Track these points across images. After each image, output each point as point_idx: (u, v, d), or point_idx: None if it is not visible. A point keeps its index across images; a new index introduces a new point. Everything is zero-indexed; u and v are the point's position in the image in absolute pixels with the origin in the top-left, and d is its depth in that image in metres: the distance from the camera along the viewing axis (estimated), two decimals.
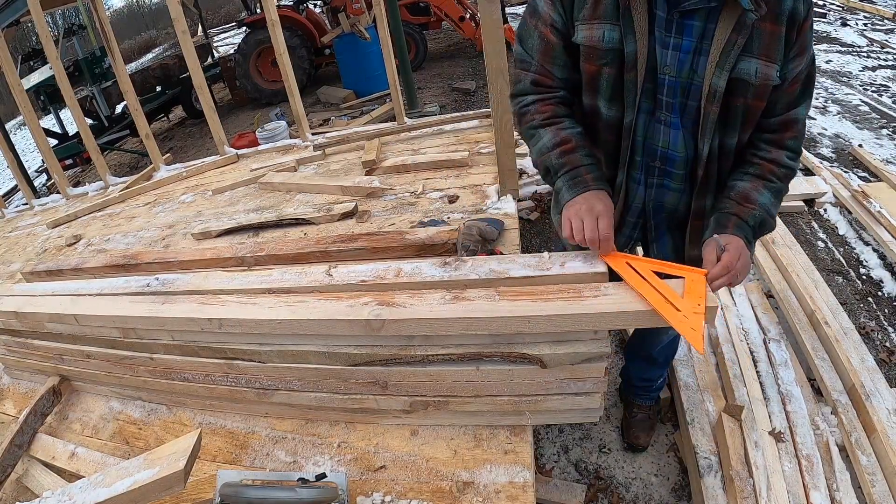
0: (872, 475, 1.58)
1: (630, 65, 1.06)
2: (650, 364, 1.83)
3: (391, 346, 1.21)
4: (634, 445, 1.91)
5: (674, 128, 1.12)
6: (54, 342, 1.66)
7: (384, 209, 2.43)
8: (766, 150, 1.13)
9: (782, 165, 1.13)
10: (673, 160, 1.15)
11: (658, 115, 1.12)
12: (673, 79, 1.06)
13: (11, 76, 3.60)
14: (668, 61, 1.05)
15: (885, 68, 5.35)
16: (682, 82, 1.06)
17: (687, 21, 1.02)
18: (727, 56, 1.00)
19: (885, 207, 2.86)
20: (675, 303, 1.01)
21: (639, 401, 1.95)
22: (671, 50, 1.04)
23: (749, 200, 1.11)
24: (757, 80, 1.02)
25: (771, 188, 1.12)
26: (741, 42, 0.99)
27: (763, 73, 1.02)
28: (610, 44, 1.05)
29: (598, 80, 1.11)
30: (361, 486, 1.25)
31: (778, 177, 1.13)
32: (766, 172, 1.12)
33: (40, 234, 3.34)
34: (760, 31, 0.99)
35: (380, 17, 3.38)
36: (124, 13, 23.85)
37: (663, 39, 1.03)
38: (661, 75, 1.07)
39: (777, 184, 1.13)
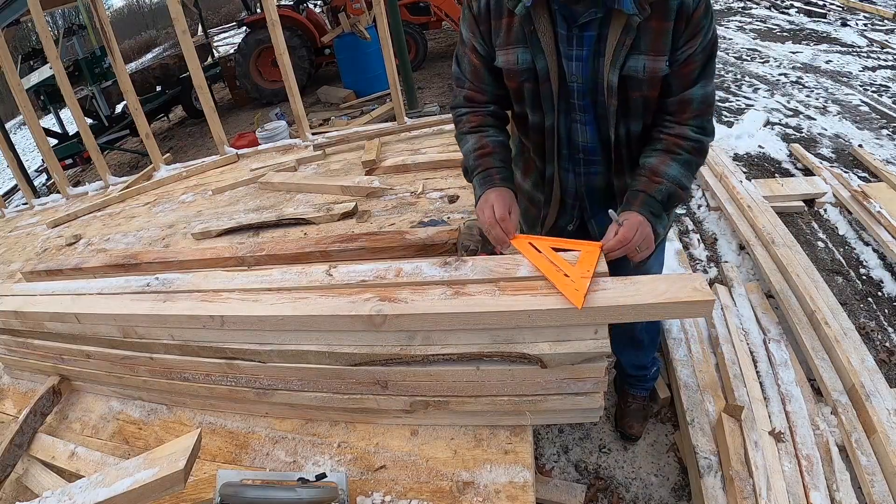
0: (872, 475, 1.58)
1: (543, 78, 1.23)
2: (637, 348, 1.85)
3: (391, 345, 1.21)
4: (627, 434, 1.94)
5: (588, 125, 1.29)
6: (54, 342, 1.66)
7: (384, 209, 2.43)
8: (671, 126, 1.22)
9: (688, 139, 1.20)
10: (593, 150, 1.33)
11: (573, 116, 1.29)
12: (581, 85, 1.22)
13: (11, 76, 3.60)
14: (574, 70, 1.21)
15: (885, 68, 5.35)
16: (589, 85, 1.21)
17: (585, 33, 1.16)
18: (618, 56, 1.13)
19: (885, 207, 2.86)
20: (566, 270, 1.13)
21: (633, 391, 1.97)
22: (574, 61, 1.20)
23: (657, 174, 1.21)
24: (645, 74, 1.14)
25: (679, 160, 1.21)
26: (629, 42, 1.11)
27: (651, 67, 1.14)
28: (525, 64, 1.23)
29: (521, 93, 1.29)
30: (361, 486, 1.24)
31: (685, 149, 1.21)
32: (673, 146, 1.21)
33: (40, 234, 3.34)
34: (648, 30, 1.11)
35: (380, 17, 3.38)
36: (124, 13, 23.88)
37: (567, 53, 1.19)
38: (571, 83, 1.23)
39: (684, 155, 1.21)
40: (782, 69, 5.60)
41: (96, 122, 7.16)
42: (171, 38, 17.15)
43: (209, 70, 8.28)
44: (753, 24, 7.82)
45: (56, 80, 3.62)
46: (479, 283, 1.20)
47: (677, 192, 1.21)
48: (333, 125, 5.55)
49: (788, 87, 5.08)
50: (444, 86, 6.75)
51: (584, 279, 1.09)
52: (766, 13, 8.43)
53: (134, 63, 15.32)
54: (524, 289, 1.14)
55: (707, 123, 1.22)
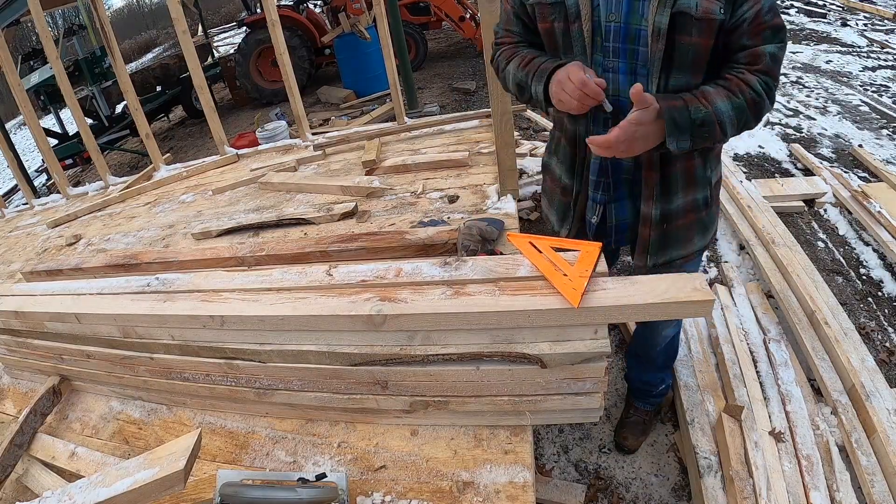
0: (872, 475, 1.58)
1: (573, 16, 1.14)
2: (648, 366, 1.84)
3: (391, 345, 1.21)
4: (621, 446, 1.92)
5: (621, 73, 1.17)
6: (54, 342, 1.66)
7: (384, 209, 2.43)
8: (740, 70, 1.14)
9: (752, 88, 1.12)
10: (624, 107, 1.14)
11: (605, 64, 1.17)
12: (618, 25, 1.12)
13: (11, 76, 3.60)
14: (612, 8, 1.12)
15: (885, 68, 5.35)
16: (630, 28, 1.12)
17: None
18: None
19: (885, 208, 2.86)
20: (565, 270, 1.12)
21: (637, 403, 1.95)
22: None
23: (706, 98, 1.10)
24: (698, 12, 1.05)
25: (734, 101, 1.11)
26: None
27: (704, 6, 1.05)
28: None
29: (552, 37, 1.21)
30: (361, 486, 1.24)
31: (745, 96, 1.12)
32: (734, 87, 1.12)
33: (40, 234, 3.34)
34: None
35: (380, 17, 3.38)
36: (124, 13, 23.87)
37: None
38: (607, 23, 1.13)
39: (741, 99, 1.11)
40: (782, 69, 5.60)
41: (96, 122, 7.16)
42: (171, 38, 17.14)
43: (209, 70, 8.27)
44: None
45: (56, 80, 3.61)
46: (479, 283, 1.20)
47: (715, 126, 1.10)
48: (333, 125, 5.55)
49: (788, 87, 5.08)
50: (444, 86, 6.74)
51: (581, 278, 1.09)
52: None
53: (134, 63, 15.33)
54: (524, 289, 1.14)
55: (773, 86, 1.14)
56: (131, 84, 3.62)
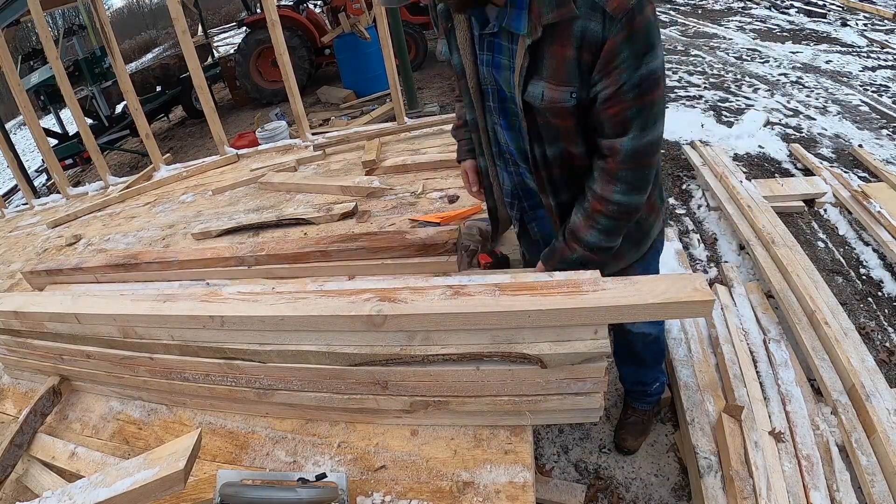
0: (872, 475, 1.58)
1: (460, 73, 1.26)
2: (638, 365, 1.83)
3: (391, 345, 1.21)
4: (621, 447, 1.92)
5: (504, 129, 1.29)
6: (54, 342, 1.66)
7: (384, 209, 2.43)
8: (598, 182, 1.14)
9: (611, 202, 1.13)
10: (515, 154, 1.33)
11: (491, 119, 1.31)
12: (494, 88, 1.22)
13: (11, 76, 3.60)
14: (485, 73, 1.21)
15: (885, 68, 5.36)
16: (504, 92, 1.19)
17: (495, 39, 1.13)
18: (521, 77, 1.08)
19: (885, 208, 2.87)
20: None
21: (634, 404, 1.95)
22: (483, 65, 1.20)
23: (575, 240, 1.22)
24: (543, 103, 1.06)
25: (599, 228, 1.18)
26: (527, 65, 1.05)
27: (550, 96, 1.05)
28: (445, 56, 1.30)
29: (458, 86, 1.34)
30: (361, 486, 1.24)
31: (606, 216, 1.16)
32: (594, 212, 1.17)
33: (40, 234, 3.34)
34: (549, 55, 1.02)
35: (380, 17, 3.37)
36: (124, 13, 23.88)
37: (479, 55, 1.20)
38: (484, 86, 1.25)
39: (603, 223, 1.17)
40: (782, 69, 5.60)
41: (96, 122, 7.16)
42: (171, 38, 17.14)
43: (209, 70, 8.28)
44: (753, 24, 7.82)
45: (56, 80, 3.61)
46: (479, 283, 1.20)
47: (590, 257, 1.22)
48: (333, 125, 5.55)
49: (788, 87, 5.08)
50: (444, 86, 6.74)
51: None
52: (766, 13, 8.43)
53: (134, 63, 15.33)
54: (524, 289, 1.14)
55: (638, 179, 1.11)
56: (131, 84, 3.62)
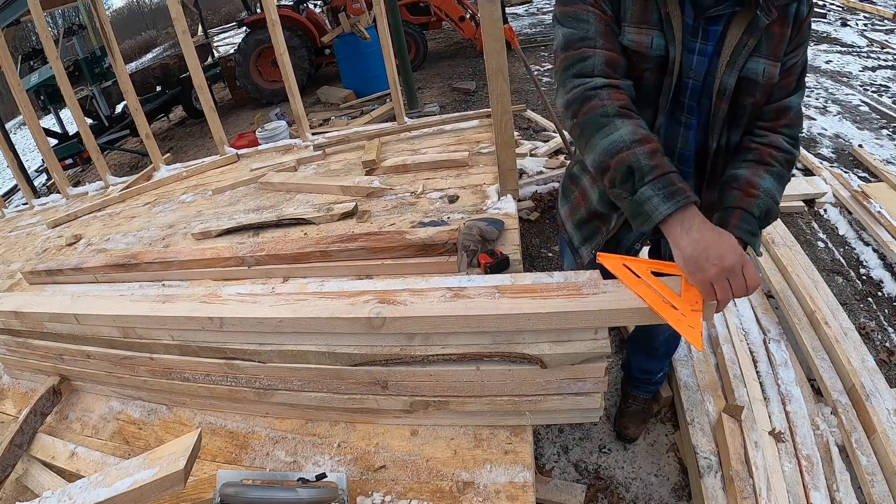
0: (872, 475, 1.58)
1: (669, 71, 1.08)
2: (650, 355, 1.85)
3: (391, 345, 1.21)
4: (623, 435, 1.94)
5: (691, 129, 1.16)
6: (54, 342, 1.66)
7: (384, 209, 2.43)
8: (763, 134, 1.15)
9: (781, 149, 1.13)
10: (687, 159, 1.19)
11: (678, 118, 1.15)
12: (696, 83, 1.10)
13: (11, 76, 3.60)
14: (694, 66, 1.08)
15: (885, 68, 5.35)
16: (703, 85, 1.10)
17: (711, 27, 1.05)
18: (738, 56, 1.05)
19: (885, 208, 2.86)
20: (673, 301, 1.00)
21: (635, 392, 1.97)
22: (696, 55, 1.07)
23: (753, 187, 1.08)
24: (764, 78, 1.07)
25: (772, 172, 1.11)
26: (752, 44, 1.04)
27: (769, 72, 1.07)
28: (658, 50, 1.06)
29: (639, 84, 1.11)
30: (361, 486, 1.24)
31: (778, 161, 1.12)
32: (766, 156, 1.12)
33: (40, 234, 3.34)
34: (770, 34, 1.05)
35: (380, 17, 3.37)
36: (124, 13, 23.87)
37: (690, 45, 1.06)
38: (686, 79, 1.09)
39: (778, 167, 1.12)
40: None
41: (96, 122, 7.16)
42: (171, 38, 17.13)
43: (209, 70, 8.27)
44: None
45: (56, 80, 3.61)
46: (479, 286, 1.20)
47: (773, 207, 1.09)
48: (333, 125, 5.55)
49: None
50: (444, 86, 6.74)
51: (694, 313, 0.96)
52: None
53: (134, 63, 15.31)
54: (524, 291, 1.14)
55: (799, 134, 1.16)
56: (131, 84, 3.62)
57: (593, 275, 1.19)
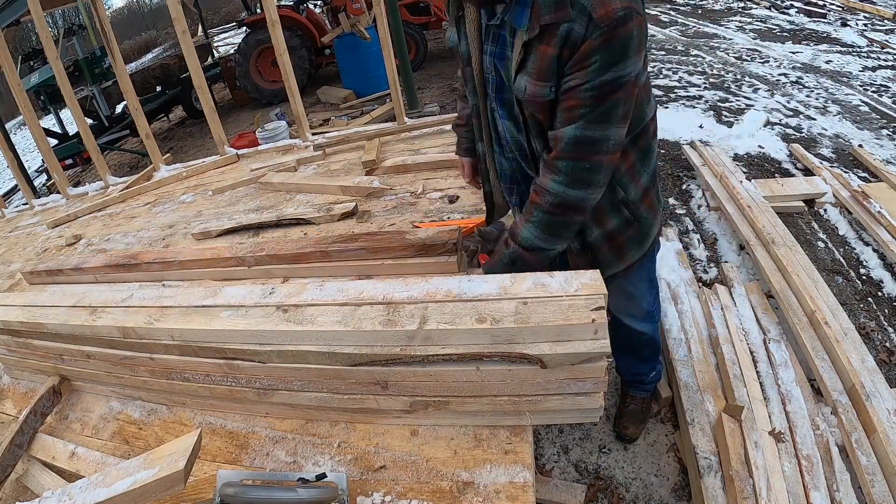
0: (872, 475, 1.58)
1: (466, 61, 1.32)
2: (635, 358, 1.85)
3: (391, 345, 1.21)
4: (623, 435, 1.94)
5: (502, 118, 1.32)
6: (54, 342, 1.66)
7: (384, 209, 2.43)
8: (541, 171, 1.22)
9: (548, 192, 1.17)
10: (514, 143, 1.34)
11: (492, 107, 1.34)
12: (495, 78, 1.26)
13: (11, 76, 3.60)
14: (487, 63, 1.26)
15: (885, 68, 5.36)
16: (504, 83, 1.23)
17: (500, 31, 1.18)
18: (514, 70, 1.15)
19: (885, 208, 2.87)
20: None
21: (632, 391, 1.97)
22: (487, 55, 1.25)
23: (513, 235, 1.28)
24: (525, 95, 1.14)
25: (534, 221, 1.22)
26: (518, 59, 1.12)
27: (532, 91, 1.12)
28: (452, 43, 1.36)
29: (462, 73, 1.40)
30: (361, 486, 1.24)
31: (542, 207, 1.20)
32: (531, 204, 1.23)
33: (40, 234, 3.34)
34: (536, 52, 1.10)
35: (380, 17, 3.38)
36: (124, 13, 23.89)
37: (483, 45, 1.25)
38: (486, 74, 1.28)
39: (538, 216, 1.21)
40: (782, 69, 5.60)
41: (96, 122, 7.16)
42: (171, 38, 17.14)
43: (209, 70, 8.28)
44: (753, 24, 7.82)
45: (56, 80, 3.61)
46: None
47: (522, 256, 1.24)
48: (333, 125, 5.55)
49: (788, 87, 5.08)
50: (444, 86, 6.75)
51: None
52: (766, 13, 8.43)
53: (134, 63, 15.31)
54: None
55: (578, 172, 1.13)
56: (131, 84, 3.62)
57: (594, 275, 1.19)
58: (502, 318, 1.14)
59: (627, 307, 1.64)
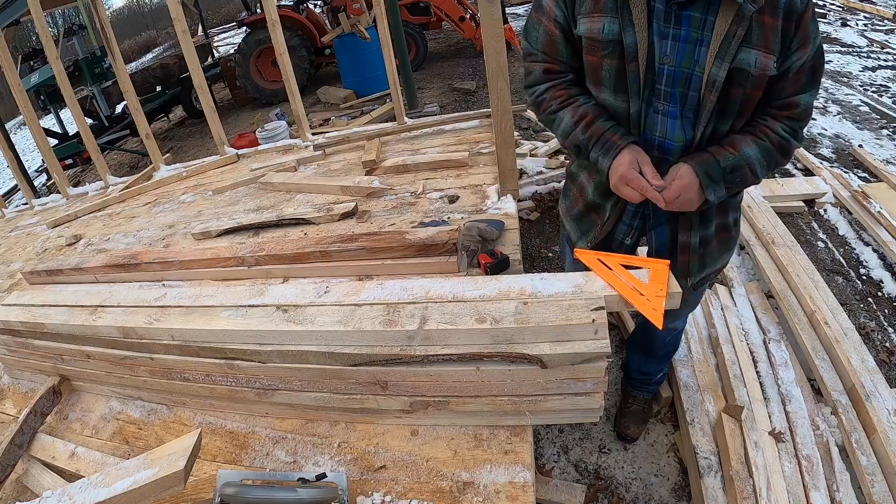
0: (872, 475, 1.58)
1: (630, 56, 1.11)
2: (648, 357, 1.85)
3: (391, 345, 1.21)
4: (623, 435, 1.94)
5: (671, 117, 1.16)
6: (54, 342, 1.66)
7: (384, 209, 2.43)
8: (766, 119, 1.17)
9: (778, 133, 1.16)
10: (669, 148, 1.19)
11: (656, 105, 1.16)
12: (672, 69, 1.10)
13: (11, 76, 3.60)
14: (668, 51, 1.09)
15: (885, 68, 5.35)
16: (683, 72, 1.10)
17: (685, 12, 1.06)
18: (727, 47, 1.04)
19: (885, 208, 2.86)
20: (641, 289, 1.14)
21: (635, 392, 1.97)
22: (670, 40, 1.08)
23: (732, 146, 1.15)
24: (756, 70, 1.06)
25: (760, 145, 1.15)
26: (741, 33, 1.03)
27: (762, 63, 1.06)
28: (610, 35, 1.11)
29: (600, 72, 1.17)
30: (361, 486, 1.24)
31: (771, 140, 1.15)
32: (759, 131, 1.16)
33: (40, 234, 3.34)
34: (759, 24, 1.04)
35: (380, 17, 3.37)
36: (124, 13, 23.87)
37: (661, 30, 1.08)
38: (660, 65, 1.11)
39: (767, 143, 1.15)
40: None
41: (96, 122, 7.16)
42: (171, 38, 17.12)
43: (209, 70, 8.27)
44: None
45: (56, 80, 3.61)
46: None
47: (745, 169, 1.14)
48: (333, 125, 5.55)
49: None
50: (444, 86, 6.74)
51: (659, 298, 1.11)
52: None
53: (134, 63, 15.30)
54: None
55: (800, 129, 1.18)
56: (131, 84, 3.62)
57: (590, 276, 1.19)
58: (502, 318, 1.14)
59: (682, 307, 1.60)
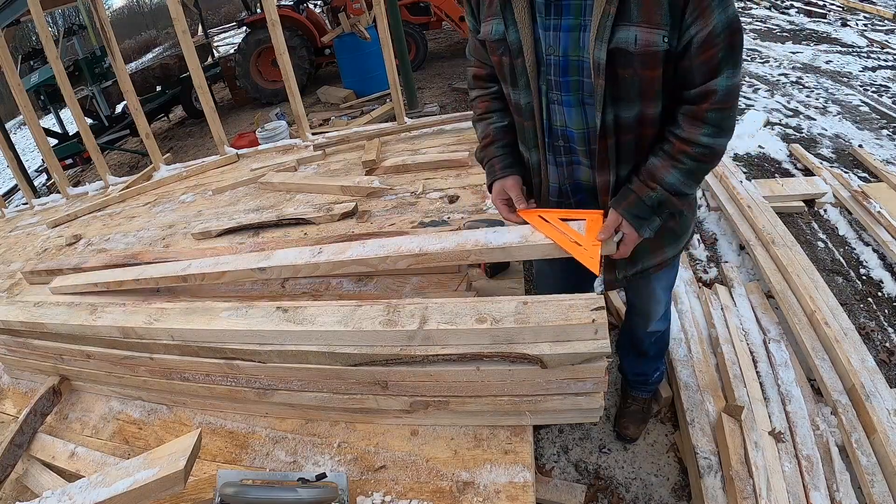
0: (872, 475, 1.58)
1: (516, 51, 1.15)
2: (640, 357, 1.85)
3: (391, 345, 1.21)
4: (623, 435, 1.93)
5: (566, 105, 1.17)
6: (54, 342, 1.66)
7: (384, 209, 2.43)
8: (683, 126, 1.12)
9: (698, 144, 1.11)
10: (572, 137, 1.21)
11: (550, 96, 1.18)
12: (558, 58, 1.12)
13: (11, 76, 3.60)
14: (550, 42, 1.11)
15: (885, 68, 5.35)
16: (571, 60, 1.11)
17: (564, 2, 1.06)
18: (603, 27, 1.02)
19: (885, 208, 2.86)
20: (578, 240, 1.20)
21: (634, 392, 1.97)
22: (551, 31, 1.10)
23: (654, 179, 1.15)
24: (638, 47, 1.02)
25: (681, 169, 1.13)
26: (613, 11, 1.00)
27: (644, 39, 1.01)
28: (496, 35, 1.16)
29: (502, 70, 1.22)
30: (361, 486, 1.25)
31: (691, 157, 1.12)
32: (678, 152, 1.13)
33: (40, 234, 3.34)
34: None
35: (380, 17, 3.38)
36: (124, 13, 23.88)
37: (544, 23, 1.10)
38: (547, 56, 1.13)
39: (688, 164, 1.13)
40: (782, 69, 5.60)
41: (96, 122, 7.16)
42: (171, 38, 17.12)
43: (209, 70, 8.27)
44: (753, 24, 7.82)
45: (56, 80, 3.61)
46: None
47: (671, 200, 1.16)
48: (333, 125, 5.55)
49: (788, 87, 5.08)
50: (444, 86, 6.74)
51: (595, 247, 1.17)
52: (766, 13, 8.43)
53: (134, 63, 15.30)
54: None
55: (725, 121, 1.11)
56: (131, 84, 3.62)
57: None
58: (502, 317, 1.14)
59: (648, 306, 1.61)
